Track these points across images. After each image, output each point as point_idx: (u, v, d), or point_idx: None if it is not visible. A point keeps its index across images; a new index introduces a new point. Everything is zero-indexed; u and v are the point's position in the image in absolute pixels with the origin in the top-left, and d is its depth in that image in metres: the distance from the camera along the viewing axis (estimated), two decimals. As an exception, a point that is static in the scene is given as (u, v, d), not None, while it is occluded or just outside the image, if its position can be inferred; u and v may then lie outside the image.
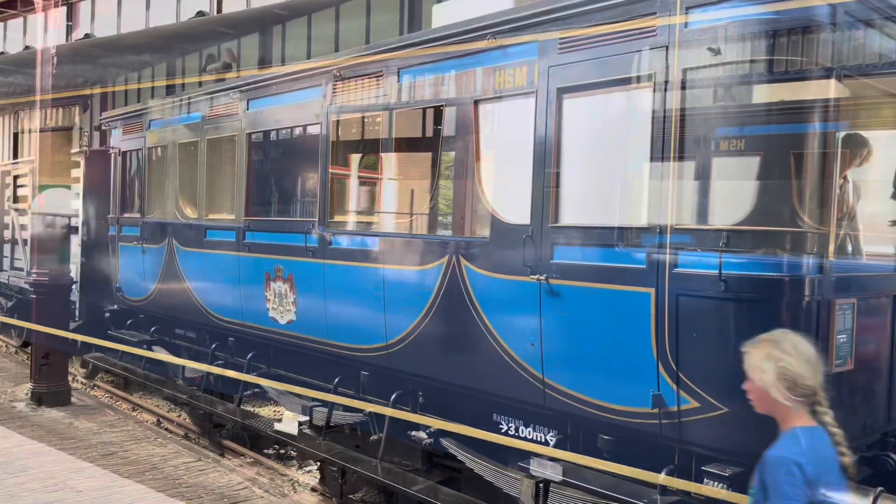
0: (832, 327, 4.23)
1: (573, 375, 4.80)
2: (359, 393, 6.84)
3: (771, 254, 4.03)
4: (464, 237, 5.49)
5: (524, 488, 5.18)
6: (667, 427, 4.34)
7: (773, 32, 4.01)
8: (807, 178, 4.09)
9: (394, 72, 6.10)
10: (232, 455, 8.50)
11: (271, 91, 7.51)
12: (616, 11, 4.57)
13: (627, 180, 4.62)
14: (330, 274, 6.70)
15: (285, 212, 8.96)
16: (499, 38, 5.22)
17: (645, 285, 4.40)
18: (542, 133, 4.97)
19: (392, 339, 6.10)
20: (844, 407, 4.45)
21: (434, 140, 5.91)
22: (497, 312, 5.26)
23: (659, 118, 4.35)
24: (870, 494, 4.01)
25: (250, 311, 7.76)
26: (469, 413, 5.82)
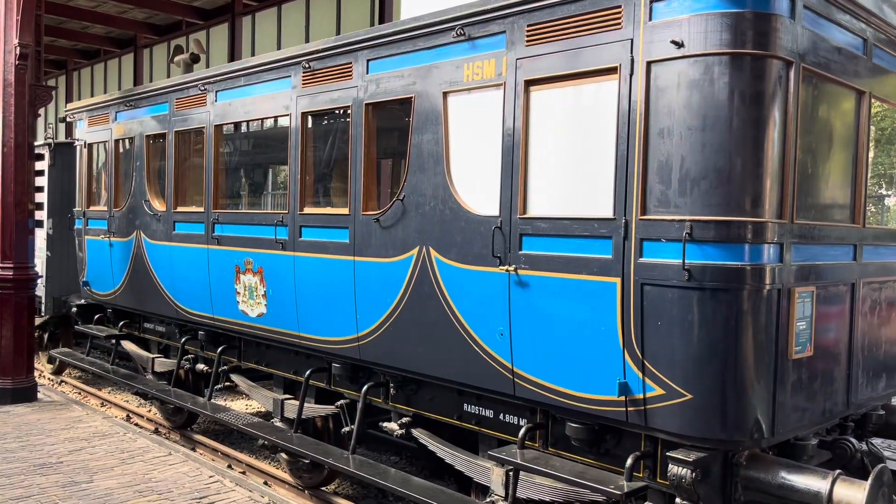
0: (792, 315, 4.34)
1: (542, 365, 4.86)
2: (330, 385, 6.86)
3: (733, 243, 4.11)
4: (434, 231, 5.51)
5: (494, 477, 5.24)
6: (633, 414, 4.42)
7: (734, 25, 4.07)
8: (767, 169, 4.18)
9: (363, 63, 6.09)
10: (204, 449, 8.46)
11: (239, 83, 7.45)
12: (582, 4, 4.61)
13: (594, 171, 4.67)
14: (301, 266, 6.68)
15: (255, 204, 8.92)
16: (467, 29, 5.23)
17: (611, 275, 4.47)
18: (510, 125, 5.00)
19: (363, 330, 6.11)
20: (804, 393, 4.57)
21: (403, 132, 5.91)
22: (466, 303, 5.30)
23: (624, 110, 4.40)
24: (828, 477, 4.12)
25: (220, 304, 7.71)
26: (440, 403, 5.86)
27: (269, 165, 8.98)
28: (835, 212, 5.04)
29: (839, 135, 5.04)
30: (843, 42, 4.78)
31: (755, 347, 4.18)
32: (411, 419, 6.14)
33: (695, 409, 4.19)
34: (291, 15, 20.14)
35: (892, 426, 5.81)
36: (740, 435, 4.21)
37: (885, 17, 5.14)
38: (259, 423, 7.44)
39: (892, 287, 5.53)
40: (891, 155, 6.26)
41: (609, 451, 4.80)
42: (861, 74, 4.98)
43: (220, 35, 22.47)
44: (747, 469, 4.34)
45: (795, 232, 4.39)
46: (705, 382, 4.17)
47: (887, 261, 5.47)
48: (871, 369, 5.30)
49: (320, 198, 7.06)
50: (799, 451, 4.77)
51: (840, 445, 5.28)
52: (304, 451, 6.56)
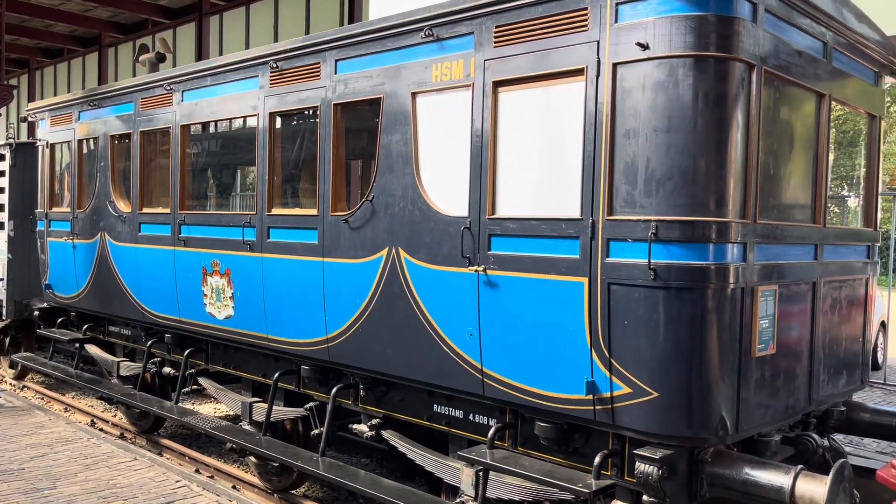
0: (755, 313, 4.41)
1: (511, 365, 4.88)
2: (299, 388, 6.81)
3: (697, 243, 4.16)
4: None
5: (464, 477, 5.25)
6: (601, 413, 4.46)
7: (697, 28, 4.13)
8: (730, 170, 4.24)
9: (331, 63, 6.06)
10: (171, 454, 8.35)
11: (206, 82, 7.37)
12: (549, 6, 4.64)
13: (562, 172, 4.71)
14: (269, 268, 6.63)
15: (222, 205, 8.82)
16: (435, 30, 5.24)
17: (578, 275, 4.50)
18: (478, 126, 5.02)
19: (332, 332, 6.08)
20: (768, 390, 4.65)
21: (372, 132, 5.90)
22: (436, 304, 5.29)
23: (591, 111, 4.44)
24: (791, 472, 4.20)
25: (187, 306, 7.61)
26: (410, 404, 5.85)
27: (237, 166, 8.89)
28: (796, 212, 5.14)
29: (800, 137, 5.14)
30: (804, 46, 4.87)
31: (720, 346, 4.24)
32: (381, 421, 6.12)
33: (661, 408, 4.24)
34: (260, 15, 19.98)
35: (852, 422, 5.93)
36: (705, 432, 4.26)
37: (845, 20, 5.26)
38: (227, 427, 7.36)
39: (852, 286, 5.66)
40: (852, 157, 6.40)
41: (578, 450, 4.83)
42: (821, 77, 5.08)
43: (187, 34, 22.21)
44: (712, 466, 4.40)
45: (758, 232, 4.47)
46: (671, 381, 4.23)
47: (847, 260, 5.60)
48: (832, 367, 5.42)
49: (289, 199, 7.00)
50: (763, 448, 4.85)
51: (802, 441, 5.38)
52: (273, 454, 6.50)
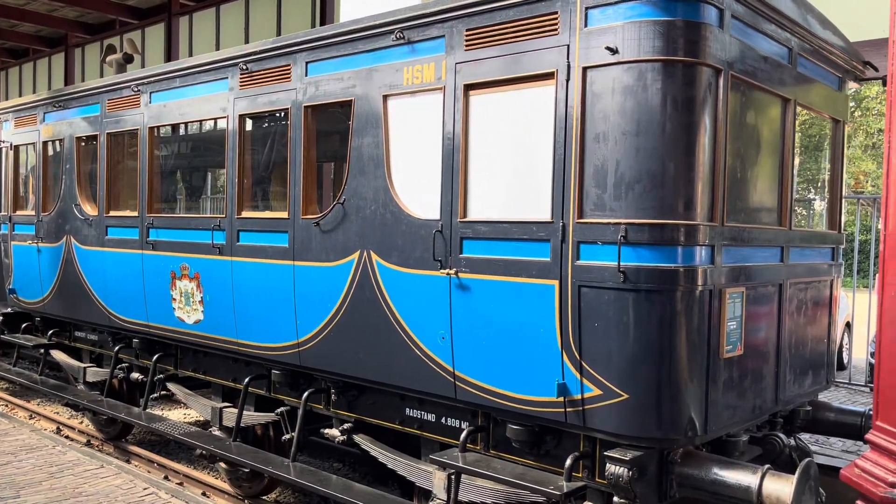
0: (723, 315, 4.47)
1: (482, 368, 4.88)
2: (270, 392, 6.74)
3: (666, 246, 4.20)
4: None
5: (437, 480, 5.23)
6: (571, 415, 4.48)
7: (666, 33, 4.18)
8: (698, 173, 4.29)
9: (302, 65, 6.03)
10: (139, 461, 8.22)
11: (175, 84, 7.28)
12: (520, 10, 4.66)
13: (532, 175, 4.72)
14: (238, 271, 6.56)
15: (191, 208, 8.72)
16: (406, 33, 5.23)
17: (549, 277, 4.52)
18: (450, 129, 5.02)
19: (303, 336, 6.03)
20: (736, 391, 4.71)
21: (344, 135, 5.87)
22: (408, 307, 5.28)
23: (561, 115, 4.47)
24: (758, 472, 4.25)
25: (155, 311, 7.50)
26: (382, 408, 5.82)
27: (207, 169, 8.80)
28: (763, 215, 5.21)
29: (766, 141, 5.21)
30: (770, 51, 4.95)
31: (688, 347, 4.28)
32: (353, 425, 6.08)
33: (631, 409, 4.27)
34: (230, 16, 19.80)
35: (818, 421, 6.03)
36: (675, 433, 4.30)
37: (810, 27, 5.36)
38: (197, 433, 7.26)
39: (817, 287, 5.76)
40: (818, 161, 6.52)
41: (549, 452, 4.85)
42: (786, 83, 5.17)
43: (156, 35, 21.94)
44: (682, 466, 4.45)
45: (726, 234, 4.53)
46: (641, 382, 4.26)
47: (812, 262, 5.69)
48: (798, 367, 5.50)
49: (259, 201, 6.94)
50: (731, 448, 4.91)
51: (770, 441, 5.46)
52: (244, 459, 6.44)
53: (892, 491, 2.76)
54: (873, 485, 2.85)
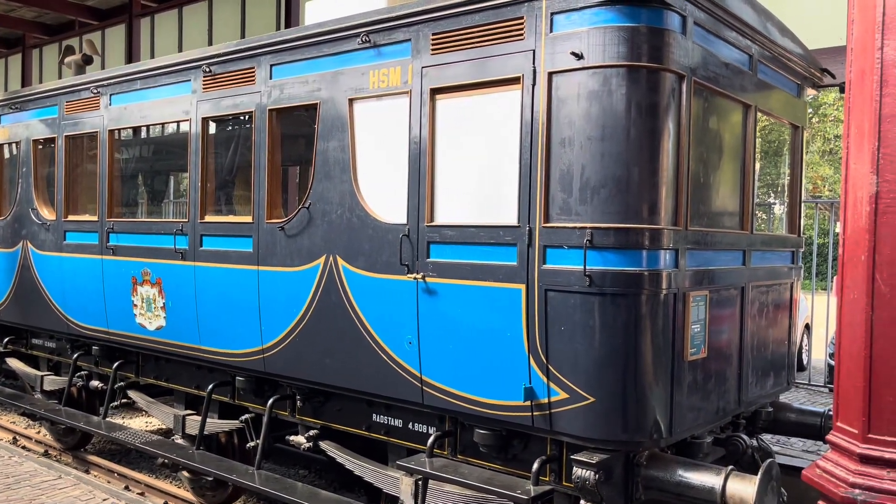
0: (687, 318, 4.52)
1: (450, 372, 4.87)
2: (234, 399, 6.64)
3: (631, 250, 4.24)
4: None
5: (404, 486, 5.20)
6: (538, 419, 4.48)
7: (630, 39, 4.22)
8: (662, 178, 4.34)
9: (266, 68, 5.96)
10: (99, 471, 8.03)
11: (136, 86, 7.14)
12: (486, 14, 4.67)
13: (499, 180, 4.73)
14: (201, 277, 6.45)
15: (153, 213, 8.57)
16: (372, 36, 5.21)
17: (516, 282, 4.53)
18: (416, 133, 5.00)
19: (268, 342, 5.95)
20: (700, 393, 4.76)
21: (309, 138, 5.82)
22: (375, 312, 5.24)
23: (527, 119, 4.48)
24: (722, 473, 4.30)
25: (116, 317, 7.34)
26: (349, 414, 5.77)
27: (169, 172, 8.65)
28: (725, 219, 5.29)
29: (728, 146, 5.30)
30: (731, 58, 5.03)
31: (653, 350, 4.32)
32: (319, 431, 6.02)
33: (597, 412, 4.29)
34: (193, 18, 19.53)
35: (779, 422, 6.14)
36: (641, 436, 4.33)
37: (770, 34, 5.46)
38: (158, 441, 7.12)
39: (778, 290, 5.86)
40: (778, 166, 6.64)
41: (516, 457, 4.85)
42: (747, 89, 5.26)
43: (117, 37, 21.54)
44: (647, 468, 4.48)
45: (689, 238, 4.58)
46: (606, 385, 4.28)
47: (773, 265, 5.80)
48: (760, 369, 5.59)
49: (222, 206, 6.84)
50: (695, 449, 4.96)
51: (733, 442, 5.53)
52: (207, 468, 6.33)
53: (853, 491, 2.81)
54: (834, 485, 2.90)
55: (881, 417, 2.78)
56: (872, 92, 2.82)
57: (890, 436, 2.78)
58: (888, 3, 2.79)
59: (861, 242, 2.88)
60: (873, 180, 2.81)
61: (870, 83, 2.84)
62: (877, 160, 2.79)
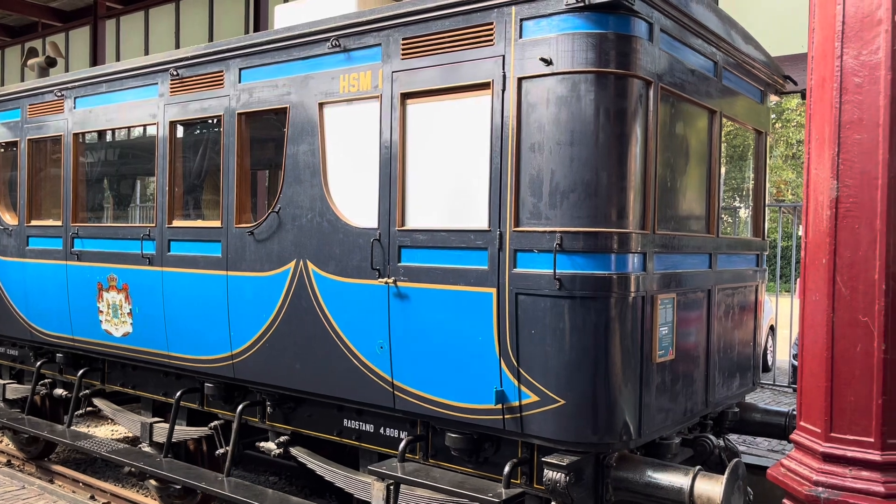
0: (655, 321, 4.58)
1: (421, 376, 4.87)
2: (203, 406, 6.57)
3: (600, 253, 4.29)
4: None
5: (375, 491, 5.18)
6: (510, 422, 4.50)
7: (598, 45, 4.27)
8: (630, 182, 4.39)
9: (235, 71, 5.92)
10: (64, 480, 7.87)
11: (101, 89, 7.04)
12: (456, 20, 4.69)
13: (470, 184, 4.75)
14: (169, 282, 6.37)
15: (120, 217, 8.44)
16: (342, 40, 5.20)
17: (487, 285, 4.55)
18: (387, 137, 5.00)
19: (237, 348, 5.90)
20: (668, 394, 4.83)
21: (279, 142, 5.78)
22: (345, 317, 5.23)
23: (497, 124, 4.51)
24: (690, 473, 4.37)
25: (81, 324, 7.22)
26: (319, 420, 5.74)
27: (136, 176, 8.53)
28: (692, 223, 5.38)
29: (695, 151, 5.38)
30: (697, 64, 5.12)
31: (622, 353, 4.37)
32: (290, 437, 5.97)
33: (567, 415, 4.33)
34: (160, 20, 19.28)
35: (745, 422, 6.24)
36: (610, 437, 4.38)
37: (734, 42, 5.56)
38: (125, 450, 7.01)
39: (743, 293, 5.97)
40: (743, 170, 6.77)
41: (488, 460, 4.87)
42: (713, 95, 5.35)
43: (81, 39, 21.18)
44: (617, 470, 4.53)
45: (657, 242, 4.64)
46: (576, 388, 4.32)
47: (738, 268, 5.90)
48: (727, 370, 5.68)
49: (191, 210, 6.77)
50: (664, 450, 5.03)
51: (700, 442, 5.61)
52: (175, 476, 6.24)
53: (816, 489, 2.87)
54: (798, 483, 2.96)
55: (843, 416, 2.85)
56: (832, 99, 2.90)
57: (851, 434, 2.85)
58: (847, 12, 2.87)
59: (822, 246, 2.95)
60: (833, 185, 2.89)
61: (830, 90, 2.91)
62: (836, 166, 2.87)
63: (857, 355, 2.82)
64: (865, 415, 2.80)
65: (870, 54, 2.81)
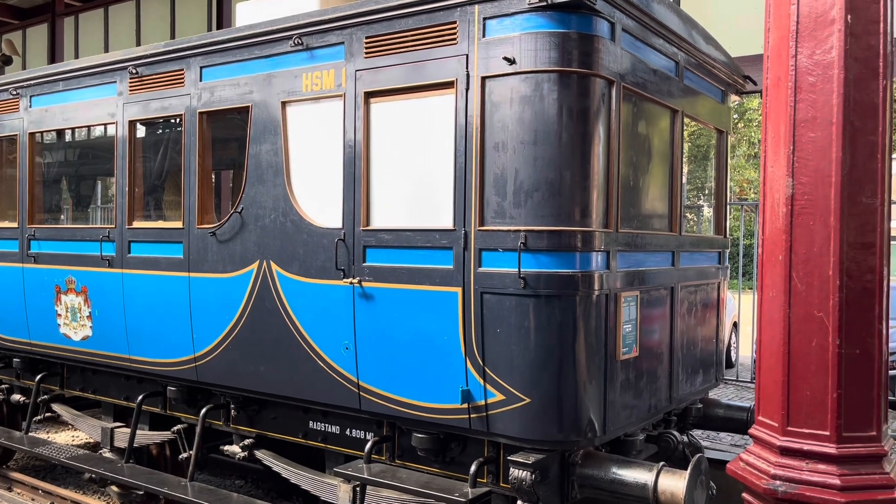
0: (619, 318, 4.61)
1: (387, 377, 4.84)
2: (166, 410, 6.46)
3: (564, 252, 4.30)
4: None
5: (341, 493, 5.14)
6: (476, 421, 4.50)
7: (561, 44, 4.29)
8: (593, 181, 4.42)
9: (196, 70, 5.83)
10: (22, 488, 7.68)
11: (58, 87, 6.88)
12: (419, 18, 4.67)
13: (435, 183, 4.74)
14: (130, 284, 6.25)
15: (79, 219, 8.27)
16: (305, 39, 5.15)
17: (452, 285, 4.54)
18: (350, 136, 4.97)
19: (200, 350, 5.81)
20: (632, 391, 4.87)
21: (241, 142, 5.71)
22: (310, 318, 5.18)
23: (461, 124, 4.50)
24: (654, 469, 4.41)
25: (38, 328, 7.05)
26: (285, 422, 5.68)
27: (95, 177, 8.36)
28: (655, 221, 5.43)
29: (657, 150, 5.44)
30: (659, 64, 5.17)
31: (586, 350, 4.40)
32: (255, 440, 5.90)
33: (533, 413, 4.34)
34: (120, 18, 18.94)
35: (708, 418, 6.33)
36: (575, 435, 4.40)
37: (695, 42, 5.63)
38: (85, 456, 6.86)
39: (706, 290, 6.05)
40: (707, 170, 6.86)
41: (454, 459, 4.86)
42: (674, 94, 5.41)
43: (39, 37, 20.72)
44: (582, 467, 4.55)
45: (620, 240, 4.68)
46: (541, 386, 4.34)
47: (701, 265, 5.98)
48: (690, 366, 5.75)
49: (151, 211, 6.65)
50: (628, 447, 5.07)
51: (664, 438, 5.67)
52: (137, 481, 6.13)
53: (774, 482, 2.92)
54: (756, 477, 3.00)
55: (799, 411, 2.90)
56: (787, 98, 2.94)
57: (808, 428, 2.90)
58: (801, 12, 2.92)
59: (779, 243, 2.99)
60: (789, 183, 2.93)
61: (785, 89, 2.96)
62: (792, 164, 2.92)
63: (813, 350, 2.87)
64: (821, 409, 2.85)
65: (823, 53, 2.86)
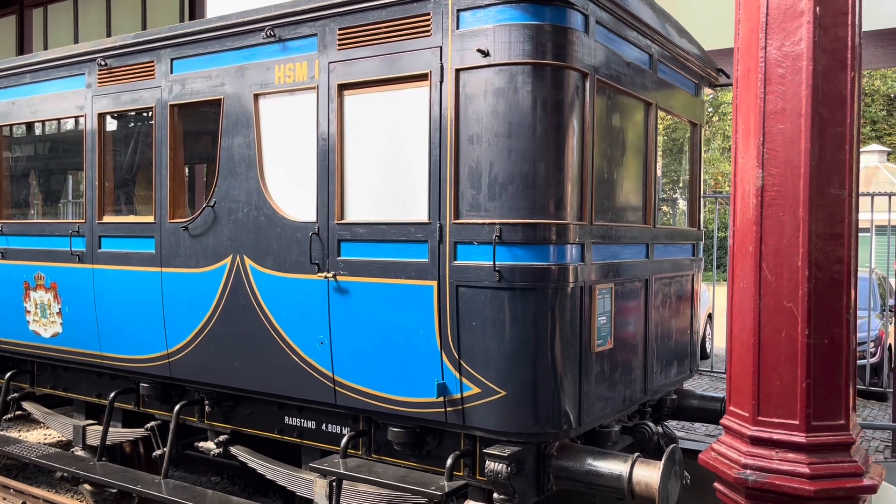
0: (593, 311, 4.63)
1: (363, 371, 4.82)
2: (139, 407, 6.38)
3: (539, 245, 4.31)
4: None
5: (318, 489, 5.12)
6: (451, 414, 4.50)
7: (534, 36, 4.28)
8: (568, 174, 4.42)
9: (166, 62, 5.74)
10: (-9, 489, 7.56)
11: (25, 80, 6.74)
12: (392, 10, 4.64)
13: (409, 176, 4.71)
14: (101, 280, 6.16)
15: (48, 213, 8.12)
16: (277, 30, 5.09)
17: (427, 278, 4.53)
18: (324, 129, 4.93)
19: (173, 346, 5.74)
20: (607, 383, 4.89)
21: (213, 135, 5.64)
22: (284, 312, 5.14)
23: (436, 116, 4.48)
24: (628, 460, 4.44)
25: (7, 325, 6.92)
26: (260, 418, 5.64)
27: (65, 171, 8.21)
28: (629, 213, 5.45)
29: (631, 142, 5.46)
30: (633, 57, 5.18)
31: (561, 343, 4.40)
32: (230, 437, 5.85)
33: (508, 406, 4.34)
34: (90, 9, 18.61)
35: (683, 409, 6.38)
36: (551, 427, 4.41)
37: (668, 35, 5.65)
38: (56, 454, 6.76)
39: (680, 282, 6.09)
40: (681, 162, 6.90)
41: (431, 453, 4.85)
42: (648, 87, 5.43)
43: (6, 28, 20.30)
44: (558, 459, 4.57)
45: (595, 233, 4.69)
46: (517, 379, 4.34)
47: (675, 258, 6.02)
48: (664, 358, 5.80)
49: (122, 205, 6.55)
50: (604, 438, 5.10)
51: (639, 430, 5.72)
52: (109, 479, 6.05)
53: (744, 472, 2.94)
54: (728, 466, 3.03)
55: (769, 400, 2.93)
56: (757, 90, 2.96)
57: (778, 417, 2.92)
58: (771, 4, 2.93)
59: (749, 234, 3.01)
60: (759, 174, 2.95)
61: (755, 81, 2.97)
62: (762, 155, 2.93)
63: (783, 340, 2.89)
64: (790, 398, 2.88)
65: (792, 45, 2.88)
